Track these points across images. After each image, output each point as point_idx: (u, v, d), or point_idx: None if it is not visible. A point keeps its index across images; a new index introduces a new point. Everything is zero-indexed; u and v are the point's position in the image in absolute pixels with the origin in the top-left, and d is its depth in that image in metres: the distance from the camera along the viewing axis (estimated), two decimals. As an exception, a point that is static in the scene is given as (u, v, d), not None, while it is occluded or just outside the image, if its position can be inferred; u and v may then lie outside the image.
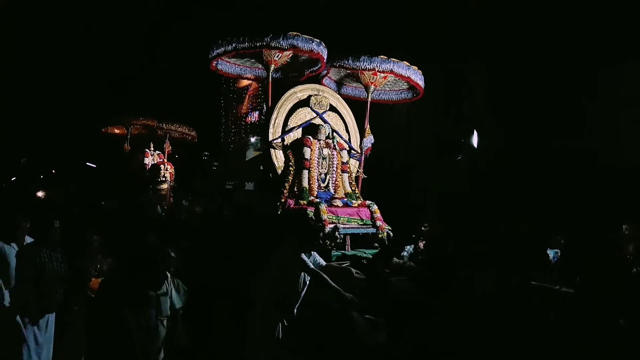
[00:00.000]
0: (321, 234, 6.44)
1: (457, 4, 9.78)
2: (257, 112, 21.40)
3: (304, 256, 4.82)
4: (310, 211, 6.65)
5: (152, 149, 12.13)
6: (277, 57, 7.15)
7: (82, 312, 4.58)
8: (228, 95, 22.75)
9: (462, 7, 9.74)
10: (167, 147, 12.15)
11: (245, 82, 22.18)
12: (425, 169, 10.58)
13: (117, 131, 14.09)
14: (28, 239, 4.82)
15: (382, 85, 8.06)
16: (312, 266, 4.79)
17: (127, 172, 12.84)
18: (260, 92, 21.19)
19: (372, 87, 7.91)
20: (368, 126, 7.96)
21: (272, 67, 7.30)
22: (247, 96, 22.03)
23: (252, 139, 21.86)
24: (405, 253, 7.37)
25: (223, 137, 22.76)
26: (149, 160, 11.83)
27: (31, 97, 17.82)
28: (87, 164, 19.03)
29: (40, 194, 9.85)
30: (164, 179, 10.94)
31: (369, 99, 8.01)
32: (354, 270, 5.43)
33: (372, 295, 4.96)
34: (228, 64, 7.95)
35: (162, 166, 11.14)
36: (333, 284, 4.61)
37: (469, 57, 9.96)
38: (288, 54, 7.22)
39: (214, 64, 7.67)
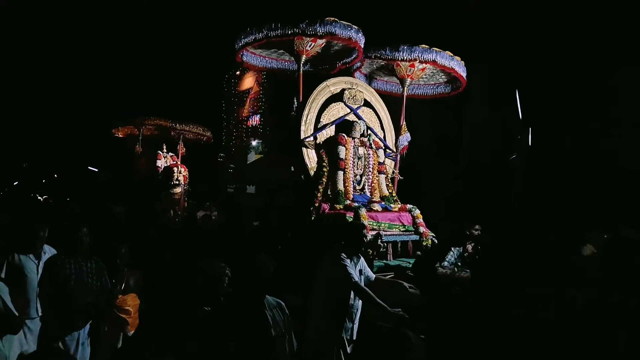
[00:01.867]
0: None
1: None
2: (258, 116, 21.09)
3: (350, 269, 4.25)
4: (350, 217, 6.00)
5: (164, 150, 11.38)
6: (310, 46, 6.49)
7: (110, 335, 4.05)
8: (229, 98, 22.48)
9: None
10: (181, 148, 11.42)
11: (246, 86, 21.86)
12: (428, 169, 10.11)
13: (120, 135, 13.44)
14: (48, 249, 4.27)
15: (418, 78, 7.42)
16: (355, 278, 4.20)
17: (135, 176, 12.21)
18: (261, 95, 20.89)
19: (408, 80, 7.27)
20: (404, 122, 7.33)
21: (304, 57, 6.64)
22: (248, 99, 21.74)
23: (254, 142, 21.53)
24: (451, 258, 6.73)
25: (225, 140, 22.38)
26: (161, 163, 11.09)
27: (33, 100, 17.36)
28: (89, 168, 18.48)
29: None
30: (177, 182, 10.23)
31: (405, 93, 7.37)
32: (407, 285, 4.85)
33: (432, 312, 4.44)
34: (253, 55, 7.28)
35: (175, 169, 10.41)
36: (379, 300, 4.08)
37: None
38: (321, 42, 6.57)
39: (240, 56, 6.98)
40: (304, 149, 6.53)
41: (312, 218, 6.29)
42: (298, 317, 5.20)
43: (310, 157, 6.57)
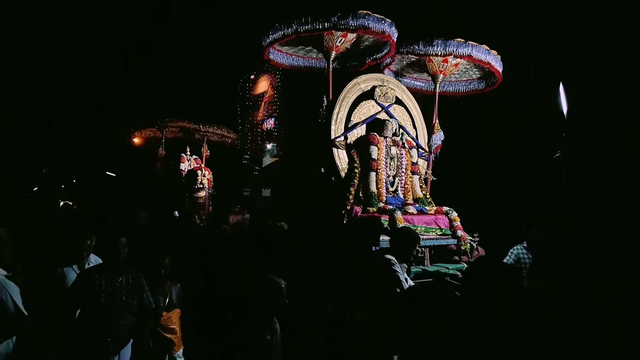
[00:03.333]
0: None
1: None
2: (272, 119, 20.99)
3: (401, 276, 3.97)
4: (385, 220, 5.67)
5: (188, 153, 11.13)
6: (340, 42, 6.20)
7: (155, 358, 3.68)
8: (244, 102, 22.44)
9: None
10: (205, 151, 11.17)
11: (261, 89, 21.77)
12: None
13: (138, 140, 13.25)
14: (94, 260, 3.97)
15: (450, 74, 7.09)
16: (401, 284, 3.92)
17: (150, 180, 11.99)
18: (276, 99, 20.78)
19: (441, 76, 6.94)
20: (437, 121, 6.99)
21: (333, 54, 6.34)
22: (263, 103, 21.65)
23: (268, 146, 21.43)
24: (510, 259, 6.32)
25: (239, 144, 22.32)
26: (185, 166, 10.82)
27: (51, 105, 17.38)
28: (107, 173, 18.39)
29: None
30: (201, 186, 9.95)
31: (437, 90, 7.05)
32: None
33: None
34: (280, 53, 7.00)
35: (199, 172, 10.13)
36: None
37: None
38: (352, 38, 6.27)
39: (267, 53, 6.70)
40: (334, 149, 6.22)
41: (344, 221, 6.00)
42: (329, 321, 4.88)
43: (341, 158, 6.27)
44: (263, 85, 21.93)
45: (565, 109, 5.54)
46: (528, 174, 8.45)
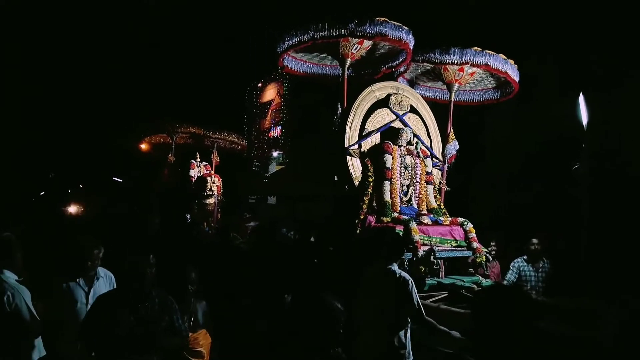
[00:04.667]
0: (413, 256, 5.39)
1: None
2: (279, 127, 21.03)
3: (414, 293, 3.84)
4: (400, 230, 5.55)
5: (198, 159, 11.05)
6: (355, 49, 6.12)
7: None
8: (251, 110, 22.51)
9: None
10: (215, 157, 11.09)
11: (268, 97, 21.83)
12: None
13: (145, 146, 13.21)
14: (104, 274, 3.72)
15: (465, 83, 7.01)
16: (416, 303, 3.80)
17: (155, 187, 11.90)
18: (282, 107, 20.82)
19: (456, 85, 6.85)
20: (452, 130, 6.89)
21: (348, 61, 6.26)
22: (270, 111, 21.73)
23: (275, 154, 21.45)
24: (511, 276, 6.23)
25: (246, 152, 22.34)
26: (194, 173, 10.74)
27: (58, 110, 17.42)
28: (114, 178, 18.38)
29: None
30: (210, 192, 9.85)
31: (452, 99, 6.95)
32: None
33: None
34: (294, 60, 6.93)
35: (209, 178, 10.04)
36: (441, 327, 3.70)
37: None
38: (367, 45, 6.19)
39: (282, 60, 6.63)
40: (348, 158, 6.13)
41: (358, 231, 5.88)
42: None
43: (355, 166, 6.17)
44: (270, 93, 22.02)
45: (585, 119, 5.42)
46: (545, 184, 8.36)
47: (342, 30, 5.64)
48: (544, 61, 7.17)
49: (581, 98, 5.28)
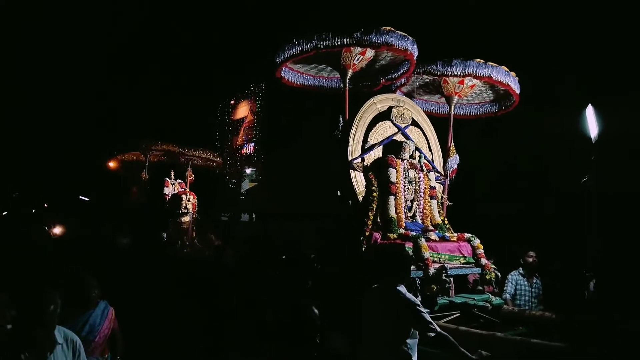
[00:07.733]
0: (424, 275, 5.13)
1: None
2: (252, 144, 20.85)
3: (421, 314, 3.54)
4: (409, 247, 5.29)
5: (172, 177, 10.61)
6: (357, 59, 5.91)
7: None
8: (223, 127, 22.29)
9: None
10: (190, 175, 10.69)
11: (240, 114, 21.63)
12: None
13: (113, 165, 12.69)
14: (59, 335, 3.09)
15: (465, 96, 6.89)
16: (434, 324, 3.51)
17: (124, 205, 11.36)
18: (255, 124, 20.62)
19: (456, 98, 6.73)
20: (452, 144, 6.74)
21: (350, 72, 6.03)
22: (242, 128, 21.56)
23: (248, 170, 21.18)
24: (510, 289, 6.02)
25: (219, 169, 21.99)
26: (169, 190, 10.29)
27: (24, 127, 16.56)
28: (80, 197, 17.51)
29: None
30: (185, 210, 9.42)
31: (452, 112, 6.82)
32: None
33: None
34: (291, 71, 6.64)
35: (184, 196, 9.61)
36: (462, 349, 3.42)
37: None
38: (369, 56, 5.99)
39: (280, 71, 6.33)
40: (351, 172, 5.85)
41: (363, 249, 5.58)
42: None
43: (359, 181, 5.90)
44: (243, 110, 21.92)
45: (594, 132, 5.33)
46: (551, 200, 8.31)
47: (347, 39, 5.42)
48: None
49: (589, 110, 5.17)
